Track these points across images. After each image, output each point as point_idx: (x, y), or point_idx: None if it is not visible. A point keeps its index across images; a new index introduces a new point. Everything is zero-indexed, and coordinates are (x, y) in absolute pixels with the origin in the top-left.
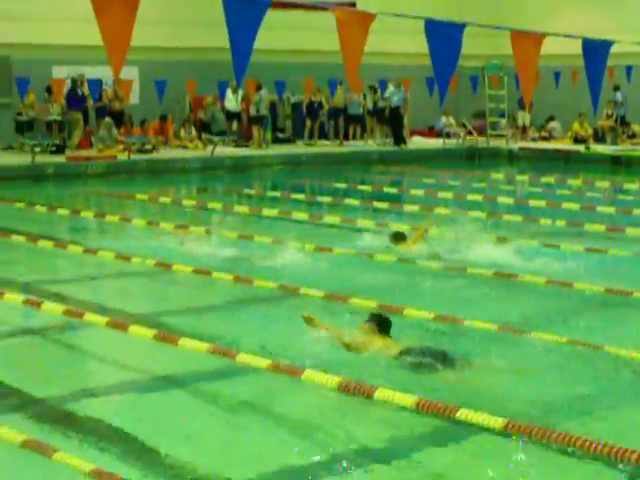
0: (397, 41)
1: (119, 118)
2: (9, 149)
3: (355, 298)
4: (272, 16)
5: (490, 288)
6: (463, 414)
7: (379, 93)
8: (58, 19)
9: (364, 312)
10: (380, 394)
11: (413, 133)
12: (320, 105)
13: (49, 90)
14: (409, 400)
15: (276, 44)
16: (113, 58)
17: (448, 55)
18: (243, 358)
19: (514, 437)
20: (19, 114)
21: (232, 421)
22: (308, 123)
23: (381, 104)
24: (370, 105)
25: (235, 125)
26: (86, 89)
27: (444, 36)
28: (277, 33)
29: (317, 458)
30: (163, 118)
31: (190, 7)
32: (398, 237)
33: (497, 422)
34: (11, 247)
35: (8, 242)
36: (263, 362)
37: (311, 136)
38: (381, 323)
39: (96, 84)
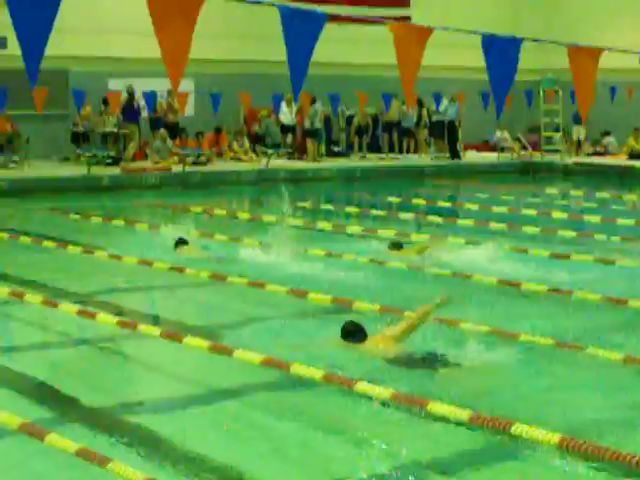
0: (451, 55)
1: (174, 130)
2: (65, 160)
3: (409, 311)
4: (327, 29)
5: (545, 303)
6: (518, 429)
7: (432, 106)
8: (114, 32)
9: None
10: (434, 407)
11: (467, 147)
12: (367, 126)
13: (105, 102)
14: (463, 414)
15: (331, 57)
16: (172, 71)
17: (505, 69)
18: (297, 369)
19: (568, 453)
20: (75, 126)
21: (283, 432)
22: (356, 139)
23: (435, 118)
24: (415, 118)
25: (289, 138)
26: (141, 101)
27: (501, 50)
28: (332, 46)
29: (371, 471)
30: (218, 130)
31: (246, 20)
32: (396, 246)
33: (553, 438)
34: (67, 258)
35: (64, 253)
36: (317, 373)
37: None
38: (342, 335)
39: (151, 96)
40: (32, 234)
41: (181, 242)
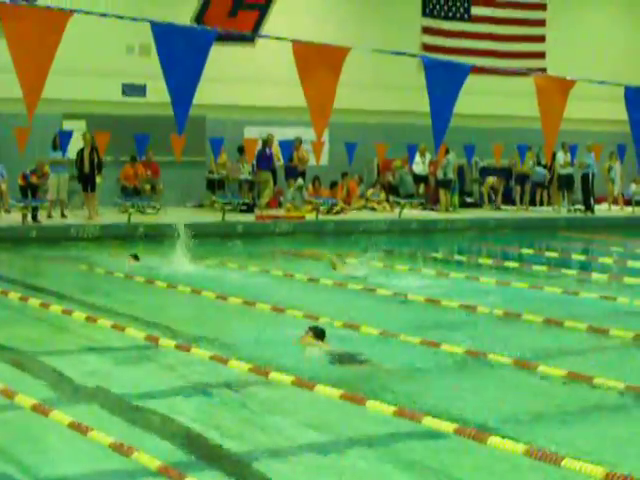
0: (587, 107)
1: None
2: (200, 207)
3: (543, 365)
4: None
5: None
6: None
7: (568, 159)
8: (251, 81)
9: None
10: (567, 463)
11: (601, 200)
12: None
13: (241, 150)
14: (598, 471)
15: (465, 108)
16: (316, 120)
17: None
18: (429, 422)
19: None
20: (211, 172)
21: None
22: (485, 191)
23: (568, 170)
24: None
25: (422, 188)
26: (275, 149)
27: None
28: (466, 97)
29: None
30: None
31: (381, 71)
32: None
33: None
34: (201, 304)
35: (198, 298)
36: (449, 426)
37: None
38: (316, 334)
39: (287, 145)
40: (166, 279)
41: (134, 257)
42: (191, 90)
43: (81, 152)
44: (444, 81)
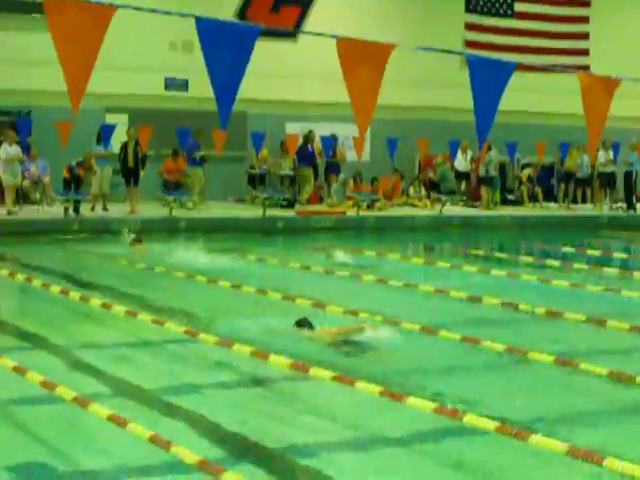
0: (629, 105)
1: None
2: (240, 202)
3: (585, 363)
4: None
5: None
6: None
7: (609, 156)
8: (293, 76)
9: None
10: (609, 463)
11: None
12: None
13: (282, 145)
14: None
15: (508, 105)
16: (359, 117)
17: None
18: (470, 419)
19: None
20: (252, 168)
21: None
22: (525, 188)
23: (609, 168)
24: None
25: (464, 185)
26: (317, 145)
27: None
28: (508, 94)
29: None
30: (395, 173)
31: (425, 68)
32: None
33: None
34: (241, 299)
35: (238, 293)
36: (491, 424)
37: (533, 197)
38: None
39: (329, 141)
40: (206, 274)
41: (136, 240)
42: (235, 86)
43: (125, 146)
44: (488, 79)
